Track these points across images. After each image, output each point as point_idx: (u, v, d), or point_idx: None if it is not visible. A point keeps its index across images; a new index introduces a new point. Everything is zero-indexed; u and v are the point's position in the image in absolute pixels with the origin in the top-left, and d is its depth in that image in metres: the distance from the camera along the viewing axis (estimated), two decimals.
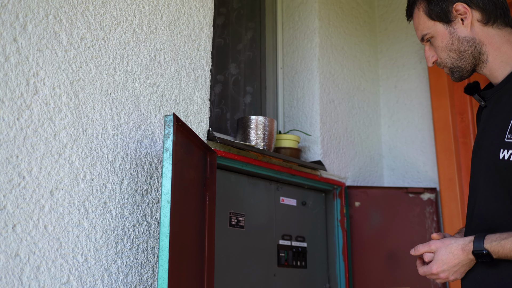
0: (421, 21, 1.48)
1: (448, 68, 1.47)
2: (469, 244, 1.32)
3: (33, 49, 1.47)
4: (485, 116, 1.43)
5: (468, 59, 1.43)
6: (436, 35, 1.46)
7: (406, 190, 2.60)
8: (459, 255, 1.34)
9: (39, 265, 1.39)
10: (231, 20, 2.65)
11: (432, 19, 1.45)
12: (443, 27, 1.44)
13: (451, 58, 1.45)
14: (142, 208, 1.68)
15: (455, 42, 1.43)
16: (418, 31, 1.50)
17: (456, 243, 1.35)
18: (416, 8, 1.50)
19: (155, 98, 1.79)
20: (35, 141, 1.43)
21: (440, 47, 1.46)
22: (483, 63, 1.43)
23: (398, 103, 2.96)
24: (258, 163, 2.15)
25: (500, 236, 1.27)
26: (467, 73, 1.46)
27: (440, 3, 1.43)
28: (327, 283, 2.45)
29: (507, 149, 1.27)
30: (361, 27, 3.01)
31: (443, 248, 1.37)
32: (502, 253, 1.26)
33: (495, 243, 1.27)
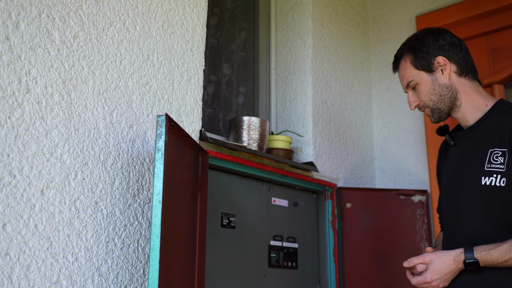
0: (407, 70, 1.76)
1: (429, 109, 1.74)
2: (460, 255, 1.55)
3: (26, 48, 1.46)
4: (456, 153, 1.73)
5: (446, 102, 1.72)
6: (420, 82, 1.74)
7: (397, 192, 2.62)
8: (451, 265, 1.56)
9: (29, 264, 1.39)
10: (225, 21, 2.65)
11: (417, 68, 1.74)
12: (426, 75, 1.73)
13: (432, 100, 1.73)
14: (133, 208, 1.68)
15: (436, 87, 1.72)
16: (404, 79, 1.78)
17: (448, 255, 1.58)
18: (403, 60, 1.78)
19: (147, 98, 1.79)
20: (26, 139, 1.43)
21: (424, 92, 1.73)
22: (457, 108, 1.72)
23: (391, 105, 2.98)
24: (250, 164, 2.15)
25: (488, 247, 1.51)
26: (444, 115, 1.74)
27: (425, 56, 1.72)
28: (318, 284, 2.46)
29: (488, 176, 1.57)
30: (355, 29, 3.02)
31: (436, 259, 1.58)
32: (490, 261, 1.50)
33: (484, 253, 1.51)
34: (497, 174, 1.55)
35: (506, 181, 1.53)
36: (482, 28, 2.68)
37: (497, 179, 1.55)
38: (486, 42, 2.67)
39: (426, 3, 2.94)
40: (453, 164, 1.73)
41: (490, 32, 2.66)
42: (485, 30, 2.66)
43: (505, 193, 1.54)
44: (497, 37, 2.64)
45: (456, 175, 1.70)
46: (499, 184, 1.54)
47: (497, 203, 1.55)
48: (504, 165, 1.55)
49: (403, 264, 1.64)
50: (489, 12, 2.66)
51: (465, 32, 2.72)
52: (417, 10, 2.97)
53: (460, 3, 2.76)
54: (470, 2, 2.72)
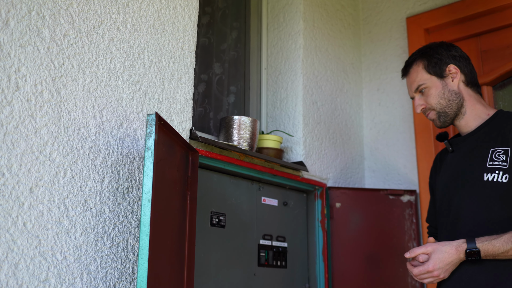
0: (419, 74, 1.84)
1: (436, 113, 1.82)
2: (462, 244, 1.60)
3: (15, 45, 1.46)
4: (455, 158, 1.82)
5: (453, 107, 1.80)
6: (431, 85, 1.82)
7: (387, 192, 2.63)
8: (453, 254, 1.60)
9: (17, 263, 1.38)
10: (216, 20, 2.65)
11: (429, 73, 1.83)
12: (437, 80, 1.82)
13: (440, 104, 1.81)
14: (122, 207, 1.68)
15: (445, 92, 1.80)
16: (415, 83, 1.85)
17: (450, 244, 1.62)
18: (415, 65, 1.86)
19: (138, 96, 1.79)
20: (15, 137, 1.43)
21: (433, 95, 1.81)
22: (462, 115, 1.81)
23: (381, 105, 2.99)
24: (240, 163, 2.16)
25: (489, 238, 1.57)
26: (450, 120, 1.82)
27: (438, 62, 1.82)
28: (307, 283, 2.47)
29: (490, 172, 1.65)
30: (345, 29, 3.03)
31: (439, 248, 1.62)
32: (491, 251, 1.56)
33: (486, 243, 1.57)
34: (499, 171, 1.64)
35: (508, 178, 1.61)
36: (472, 29, 2.70)
37: (499, 175, 1.63)
38: (475, 44, 2.69)
39: (416, 5, 2.96)
40: (453, 167, 1.81)
41: (479, 34, 2.69)
42: (474, 31, 2.69)
43: (507, 189, 1.62)
44: (486, 39, 2.67)
45: (457, 174, 1.77)
46: (501, 180, 1.62)
47: (499, 198, 1.62)
48: (506, 162, 1.63)
49: (405, 255, 1.67)
50: (478, 14, 2.68)
51: (454, 34, 2.74)
52: (407, 11, 2.99)
53: (450, 5, 2.78)
54: (460, 4, 2.74)
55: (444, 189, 1.83)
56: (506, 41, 2.61)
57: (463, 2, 2.73)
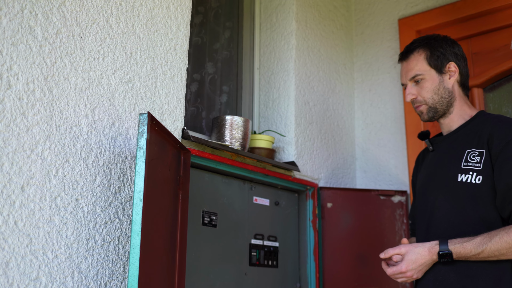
0: (419, 63, 1.80)
1: (426, 107, 1.80)
2: (435, 246, 1.62)
3: (7, 43, 1.45)
4: (434, 156, 1.83)
5: (444, 105, 1.79)
6: (428, 78, 1.79)
7: (378, 192, 2.65)
8: (425, 256, 1.62)
9: (8, 261, 1.38)
10: (209, 19, 2.66)
11: (430, 65, 1.79)
12: (435, 74, 1.79)
13: (433, 99, 1.79)
14: (114, 206, 1.68)
15: (440, 88, 1.79)
16: (412, 71, 1.81)
17: (423, 246, 1.64)
18: (417, 53, 1.82)
19: (130, 95, 1.79)
20: (7, 136, 1.42)
21: (428, 88, 1.79)
22: (448, 114, 1.81)
23: (372, 106, 3.01)
24: (232, 163, 2.16)
25: (461, 240, 1.59)
26: (437, 116, 1.81)
27: (441, 56, 1.79)
28: (298, 283, 2.48)
29: (464, 173, 1.67)
30: (338, 30, 3.04)
31: (412, 250, 1.64)
32: (463, 253, 1.57)
33: (458, 245, 1.58)
34: (473, 172, 1.65)
35: (482, 179, 1.63)
36: (462, 32, 2.72)
37: (473, 176, 1.65)
38: (466, 46, 2.71)
39: (408, 6, 2.98)
40: (431, 166, 1.82)
41: (470, 36, 2.71)
42: (465, 34, 2.71)
43: (480, 190, 1.63)
44: (476, 41, 2.69)
45: (433, 174, 1.79)
46: (475, 181, 1.64)
47: (472, 199, 1.64)
48: (480, 163, 1.64)
49: (380, 255, 1.69)
50: (469, 17, 2.70)
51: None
52: (399, 13, 3.00)
53: (442, 7, 2.80)
54: (451, 6, 2.76)
55: (421, 188, 1.85)
56: (497, 44, 2.63)
57: (455, 4, 2.75)
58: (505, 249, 1.53)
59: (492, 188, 1.62)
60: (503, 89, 2.64)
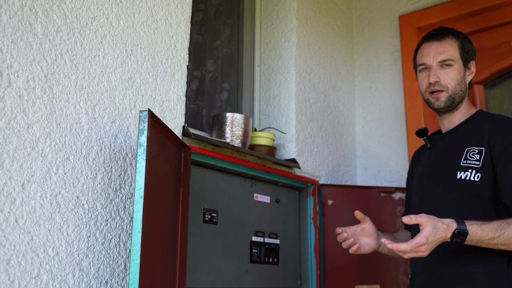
0: (452, 48, 1.80)
1: (447, 95, 1.78)
2: (452, 224, 1.51)
3: (7, 41, 1.45)
4: (432, 154, 1.83)
5: (460, 98, 1.80)
6: (457, 67, 1.79)
7: (378, 190, 2.65)
8: (444, 231, 1.50)
9: (9, 259, 1.38)
10: (209, 17, 2.65)
11: (460, 55, 1.80)
12: (462, 66, 1.81)
13: (455, 89, 1.79)
14: (115, 203, 1.68)
15: (462, 81, 1.81)
16: (445, 54, 1.78)
17: (441, 221, 1.51)
18: (452, 39, 1.81)
19: (130, 93, 1.79)
20: (7, 133, 1.42)
21: (455, 77, 1.79)
22: (456, 109, 1.82)
23: (373, 103, 3.01)
24: (232, 160, 2.16)
25: (477, 222, 1.52)
26: (452, 107, 1.81)
27: (469, 52, 1.82)
28: (299, 280, 2.48)
29: (463, 171, 1.67)
30: (338, 27, 3.04)
31: (432, 222, 1.49)
32: (479, 236, 1.50)
33: (475, 226, 1.50)
34: (472, 170, 1.66)
35: (480, 176, 1.64)
36: (464, 29, 2.71)
37: (472, 174, 1.65)
38: None
39: (409, 3, 2.97)
40: (429, 164, 1.83)
41: (471, 33, 2.70)
42: (467, 31, 2.70)
43: (479, 187, 1.64)
44: (477, 38, 2.68)
45: (431, 171, 1.80)
46: (474, 178, 1.65)
47: (471, 196, 1.65)
48: (479, 161, 1.65)
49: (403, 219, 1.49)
50: (470, 13, 2.70)
51: None
52: (400, 10, 3.00)
53: (443, 4, 2.80)
54: (452, 3, 2.76)
55: (419, 185, 1.84)
56: (497, 40, 2.63)
57: (455, 1, 2.75)
58: None
59: (491, 186, 1.63)
60: (504, 86, 2.63)
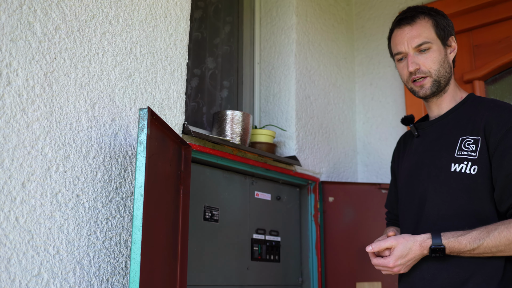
0: (427, 30, 1.62)
1: (431, 80, 1.62)
2: (427, 240, 1.47)
3: (6, 40, 1.45)
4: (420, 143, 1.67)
5: (446, 80, 1.63)
6: (436, 49, 1.61)
7: (379, 186, 2.64)
8: (416, 251, 1.48)
9: (9, 257, 1.38)
10: (209, 14, 2.65)
11: (436, 34, 1.62)
12: (441, 45, 1.63)
13: (439, 72, 1.61)
14: (115, 201, 1.68)
15: (445, 61, 1.63)
16: (419, 38, 1.61)
17: (414, 240, 1.49)
18: (423, 19, 1.63)
19: (130, 91, 1.79)
20: (7, 132, 1.42)
21: (436, 59, 1.61)
22: (443, 92, 1.65)
23: (373, 100, 3.00)
24: (233, 158, 2.16)
25: (456, 234, 1.45)
26: (437, 92, 1.64)
27: (446, 28, 1.64)
28: (300, 277, 2.48)
29: (458, 163, 1.52)
30: (338, 24, 3.03)
31: (403, 244, 1.49)
32: (457, 248, 1.44)
33: (452, 239, 1.44)
34: (468, 162, 1.50)
35: (477, 169, 1.49)
36: (464, 24, 2.71)
37: (468, 166, 1.50)
38: (467, 39, 2.70)
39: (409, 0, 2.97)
40: (418, 154, 1.67)
41: (471, 28, 2.70)
42: (467, 26, 2.69)
43: (475, 181, 1.49)
44: (478, 33, 2.68)
45: (421, 163, 1.63)
46: (469, 171, 1.50)
47: (466, 191, 1.50)
48: (476, 152, 1.50)
49: (367, 249, 1.53)
50: (470, 9, 2.69)
51: None
52: (400, 6, 2.99)
53: (442, 0, 2.79)
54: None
55: (407, 177, 1.68)
56: (498, 36, 2.62)
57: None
58: (504, 246, 1.40)
59: (488, 179, 1.48)
60: (505, 81, 2.63)
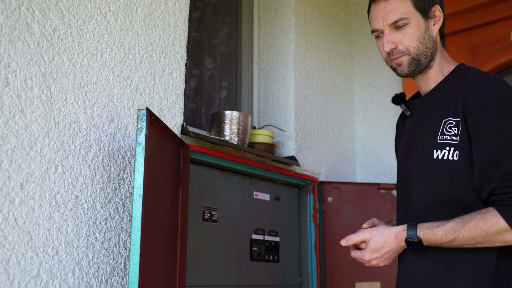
0: (403, 4, 1.48)
1: (408, 58, 1.49)
2: (402, 232, 1.39)
3: (5, 41, 1.45)
4: (411, 123, 1.53)
5: (427, 57, 1.49)
6: (414, 24, 1.47)
7: (378, 186, 2.65)
8: (392, 243, 1.41)
9: (8, 258, 1.38)
10: (207, 15, 2.65)
11: (415, 7, 1.47)
12: (421, 19, 1.48)
13: (418, 49, 1.47)
14: (114, 202, 1.68)
15: (426, 36, 1.48)
16: (394, 13, 1.47)
17: (389, 231, 1.41)
18: None
19: (129, 91, 1.79)
20: (5, 133, 1.42)
21: (414, 35, 1.47)
22: (428, 69, 1.51)
23: (372, 100, 3.00)
24: (232, 158, 2.16)
25: (432, 225, 1.35)
26: (419, 70, 1.51)
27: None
28: (299, 277, 2.48)
29: (440, 149, 1.39)
30: (337, 24, 3.04)
31: (377, 237, 1.43)
32: (433, 240, 1.34)
33: (427, 231, 1.35)
34: (450, 147, 1.38)
35: (459, 155, 1.36)
36: (462, 24, 2.71)
37: (450, 152, 1.38)
38: (466, 39, 2.70)
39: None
40: (408, 137, 1.55)
41: (469, 28, 2.70)
42: (465, 26, 2.70)
43: (458, 168, 1.37)
44: (476, 33, 2.68)
45: (410, 148, 1.52)
46: (452, 158, 1.37)
47: (450, 179, 1.38)
48: (457, 136, 1.37)
49: (341, 242, 1.48)
50: (469, 9, 2.69)
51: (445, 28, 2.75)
52: None
53: None
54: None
55: (400, 162, 1.58)
56: (496, 36, 2.62)
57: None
58: (481, 237, 1.29)
59: (471, 165, 1.36)
60: None
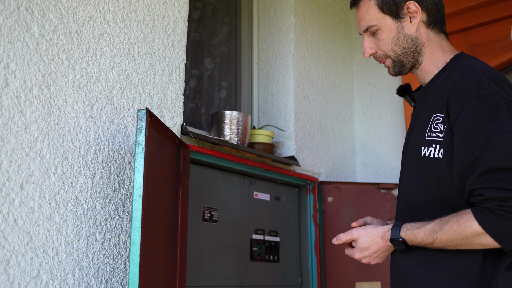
0: (370, 11, 1.47)
1: (391, 60, 1.48)
2: (387, 232, 1.39)
3: (4, 41, 1.45)
4: (412, 116, 1.51)
5: (409, 56, 1.46)
6: (384, 28, 1.46)
7: (378, 186, 2.65)
8: (379, 243, 1.41)
9: (8, 259, 1.38)
10: (207, 15, 2.65)
11: (383, 11, 1.45)
12: (392, 21, 1.45)
13: (394, 52, 1.46)
14: (114, 202, 1.68)
15: (401, 37, 1.45)
16: (364, 21, 1.48)
17: (376, 231, 1.42)
18: None
19: (128, 92, 1.79)
20: (5, 134, 1.42)
21: (386, 40, 1.46)
22: (418, 65, 1.48)
23: (372, 100, 3.00)
24: (231, 158, 2.16)
25: (415, 226, 1.34)
26: (406, 70, 1.50)
27: None
28: (299, 277, 2.48)
29: (427, 146, 1.36)
30: (336, 24, 3.03)
31: (364, 236, 1.44)
32: (416, 241, 1.33)
33: (409, 232, 1.34)
34: (436, 144, 1.34)
35: (443, 152, 1.32)
36: (461, 24, 2.71)
37: (436, 149, 1.34)
38: (465, 38, 2.70)
39: None
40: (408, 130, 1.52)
41: (469, 28, 2.70)
42: (464, 26, 2.70)
43: (443, 166, 1.33)
44: (476, 33, 2.68)
45: (407, 143, 1.50)
46: (438, 155, 1.33)
47: (436, 178, 1.34)
48: (442, 133, 1.33)
49: (332, 241, 1.50)
50: (468, 8, 2.69)
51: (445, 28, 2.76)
52: None
53: None
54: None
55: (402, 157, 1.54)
56: (496, 35, 2.62)
57: None
58: (458, 240, 1.25)
59: None
60: None
